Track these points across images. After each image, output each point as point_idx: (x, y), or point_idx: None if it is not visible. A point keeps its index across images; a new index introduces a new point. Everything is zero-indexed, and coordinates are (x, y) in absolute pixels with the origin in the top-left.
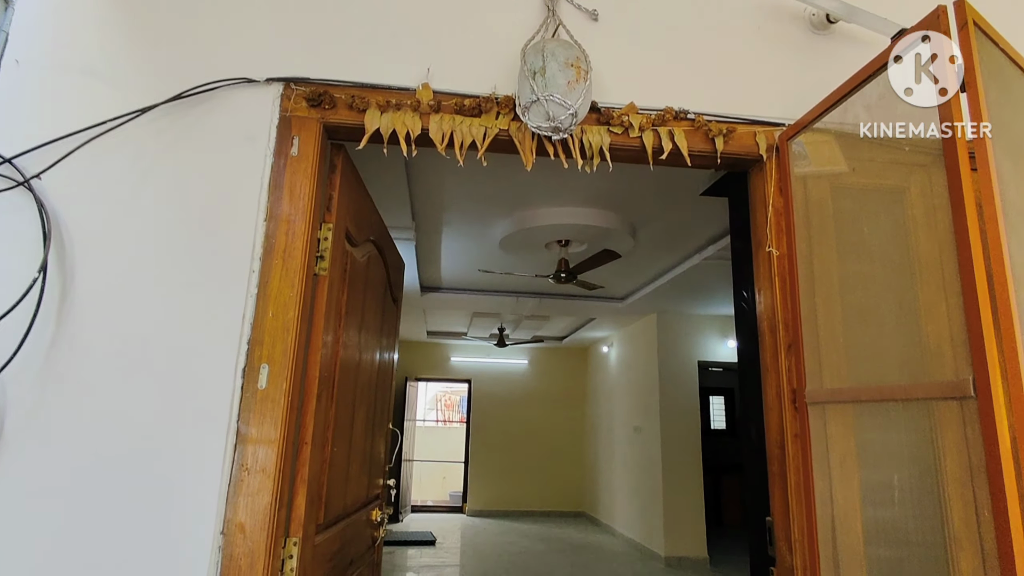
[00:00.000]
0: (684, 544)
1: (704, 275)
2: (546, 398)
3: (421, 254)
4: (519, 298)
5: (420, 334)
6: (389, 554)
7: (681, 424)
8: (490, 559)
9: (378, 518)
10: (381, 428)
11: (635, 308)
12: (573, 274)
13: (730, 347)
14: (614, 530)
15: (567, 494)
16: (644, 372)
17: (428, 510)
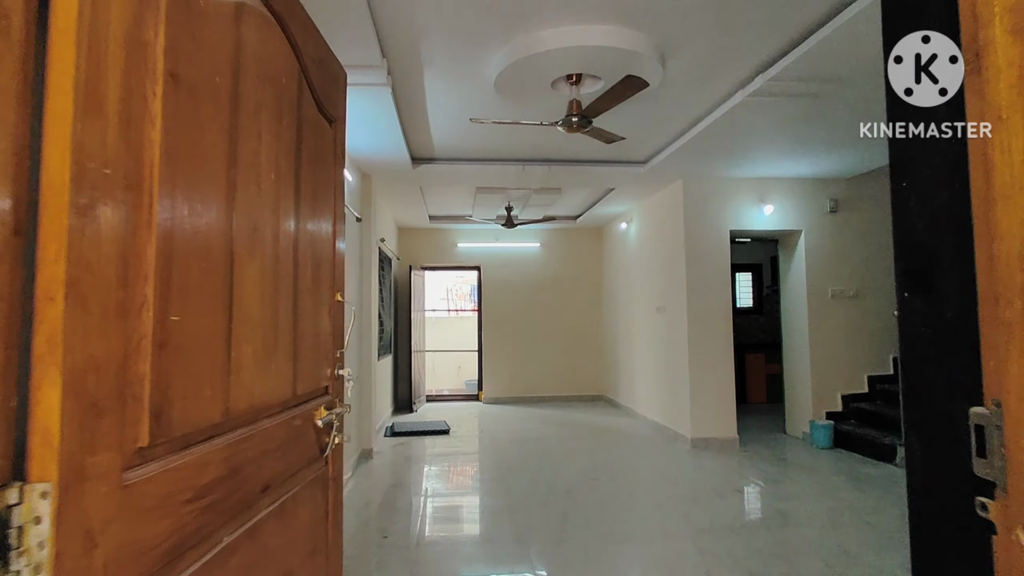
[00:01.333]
0: (712, 425)
1: (745, 121)
2: (560, 282)
3: (403, 109)
4: (525, 166)
5: (421, 219)
6: (401, 445)
7: (710, 302)
8: (507, 446)
9: (324, 419)
10: (320, 306)
11: (658, 174)
12: (588, 118)
13: (767, 214)
14: (635, 413)
15: (585, 378)
16: (668, 247)
17: (443, 399)
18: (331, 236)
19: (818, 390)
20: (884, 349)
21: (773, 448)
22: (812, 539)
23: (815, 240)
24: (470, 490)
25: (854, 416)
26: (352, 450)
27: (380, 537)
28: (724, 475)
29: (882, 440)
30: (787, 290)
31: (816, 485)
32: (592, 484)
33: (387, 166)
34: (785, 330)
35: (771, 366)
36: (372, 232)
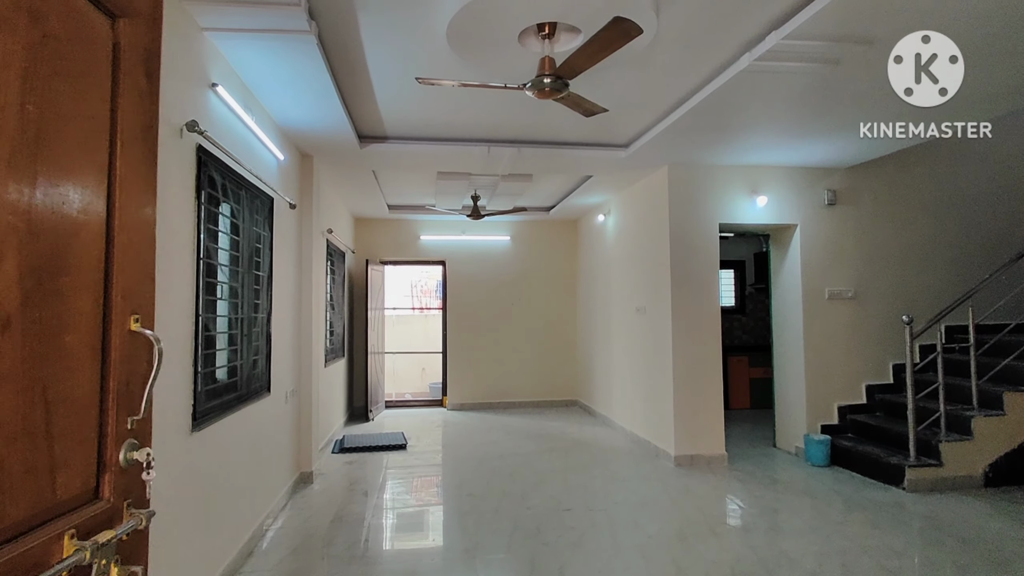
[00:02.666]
0: (698, 441)
1: (745, 96)
2: (532, 278)
3: (339, 70)
4: (491, 148)
5: (379, 208)
6: (350, 464)
7: (697, 302)
8: (470, 465)
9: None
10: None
11: (642, 159)
12: (563, 79)
13: (760, 206)
14: (612, 422)
15: (558, 383)
16: (650, 242)
17: (405, 405)
18: (103, 219)
19: (813, 400)
20: (884, 356)
21: (765, 466)
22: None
23: (811, 235)
24: (424, 528)
25: (852, 430)
26: (286, 475)
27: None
28: (714, 503)
29: (887, 460)
30: (779, 290)
31: (820, 517)
32: (565, 518)
33: (330, 144)
34: (776, 333)
35: (754, 370)
36: (314, 221)
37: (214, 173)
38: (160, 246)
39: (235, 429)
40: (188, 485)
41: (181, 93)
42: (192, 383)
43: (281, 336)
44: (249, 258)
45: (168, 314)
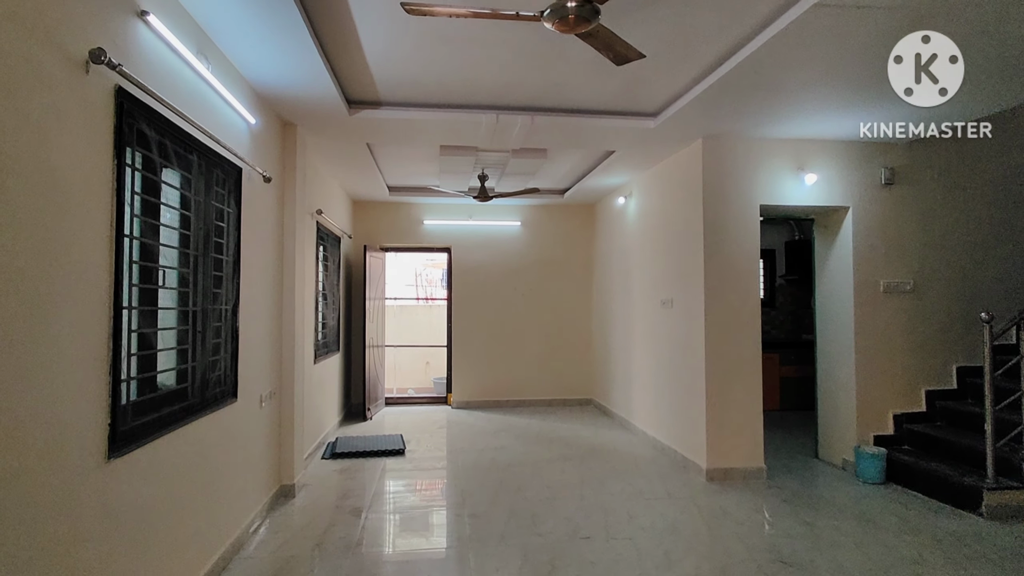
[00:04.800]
0: (733, 452)
1: (809, 43)
2: (545, 267)
3: (314, 13)
4: (500, 116)
5: (379, 190)
6: (340, 473)
7: (733, 294)
8: (474, 476)
9: None
10: None
11: (672, 130)
12: (592, 3)
13: (808, 184)
14: (632, 426)
15: (571, 380)
16: (680, 227)
17: (407, 402)
18: None
19: (864, 407)
20: (946, 358)
21: (810, 483)
22: None
23: (865, 219)
24: (418, 561)
25: (910, 441)
26: (262, 491)
27: None
28: (758, 531)
29: (959, 479)
30: (826, 281)
31: (889, 552)
32: (583, 549)
33: (314, 109)
34: (820, 330)
35: (785, 368)
36: (299, 200)
37: (146, 128)
38: (44, 216)
39: (183, 447)
40: (102, 529)
41: (88, 16)
42: (109, 395)
43: (255, 331)
44: (206, 239)
45: (59, 306)
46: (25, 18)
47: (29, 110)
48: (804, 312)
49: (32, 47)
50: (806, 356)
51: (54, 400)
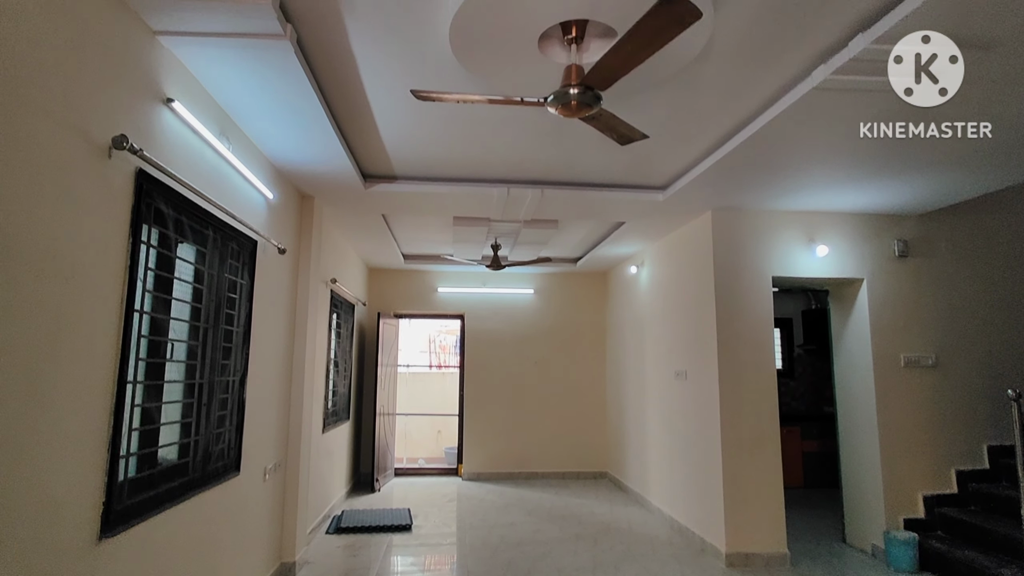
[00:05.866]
0: (754, 535)
1: (813, 122)
2: (557, 335)
3: (328, 91)
4: (511, 189)
5: (394, 258)
6: (343, 549)
7: (748, 365)
8: (481, 556)
9: None
10: None
11: (681, 203)
12: (594, 90)
13: (819, 256)
14: (647, 502)
15: (585, 453)
16: (692, 297)
17: (416, 472)
18: None
19: (891, 488)
20: (975, 436)
21: (837, 571)
22: None
23: (881, 291)
24: None
25: (942, 527)
26: (262, 569)
27: None
28: None
29: (997, 572)
30: (843, 354)
31: None
32: None
33: (331, 183)
34: (841, 405)
35: (807, 443)
36: (313, 270)
37: (163, 206)
38: (54, 292)
39: (180, 524)
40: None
41: (114, 105)
42: (106, 473)
43: (262, 402)
44: (217, 311)
45: (62, 381)
46: (52, 109)
47: (49, 193)
48: (824, 383)
49: (58, 137)
50: (828, 429)
51: (49, 477)
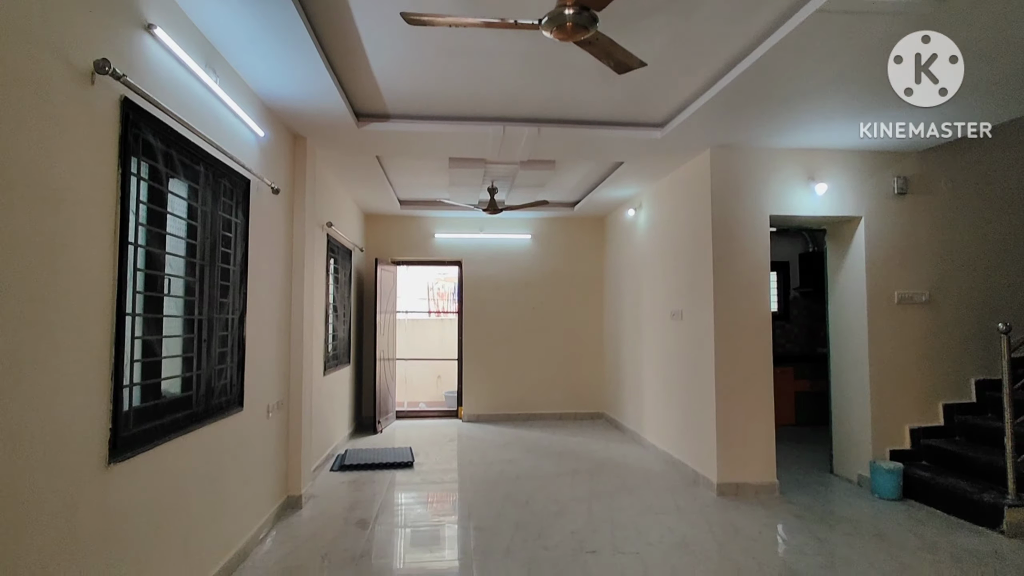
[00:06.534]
0: (745, 467)
1: (815, 49)
2: (555, 280)
3: (320, 26)
4: (507, 127)
5: (390, 204)
6: (348, 485)
7: (744, 306)
8: (481, 489)
9: None
10: None
11: (680, 140)
12: (590, 9)
13: (818, 194)
14: (642, 439)
15: (582, 394)
16: (689, 239)
17: (417, 415)
18: None
19: (879, 421)
20: (964, 371)
21: (824, 499)
22: None
23: (878, 229)
24: (421, 572)
25: (927, 457)
26: (268, 501)
27: None
28: (771, 548)
29: (978, 496)
30: (838, 293)
31: (903, 570)
32: (589, 564)
33: (322, 122)
34: (834, 343)
35: (800, 382)
36: (308, 212)
37: (152, 138)
38: (46, 221)
39: (187, 454)
40: (103, 535)
41: (93, 29)
42: (111, 401)
43: (262, 342)
44: (212, 249)
45: (60, 310)
46: (32, 31)
47: (33, 119)
48: (819, 325)
49: (38, 59)
50: (821, 370)
51: (54, 404)
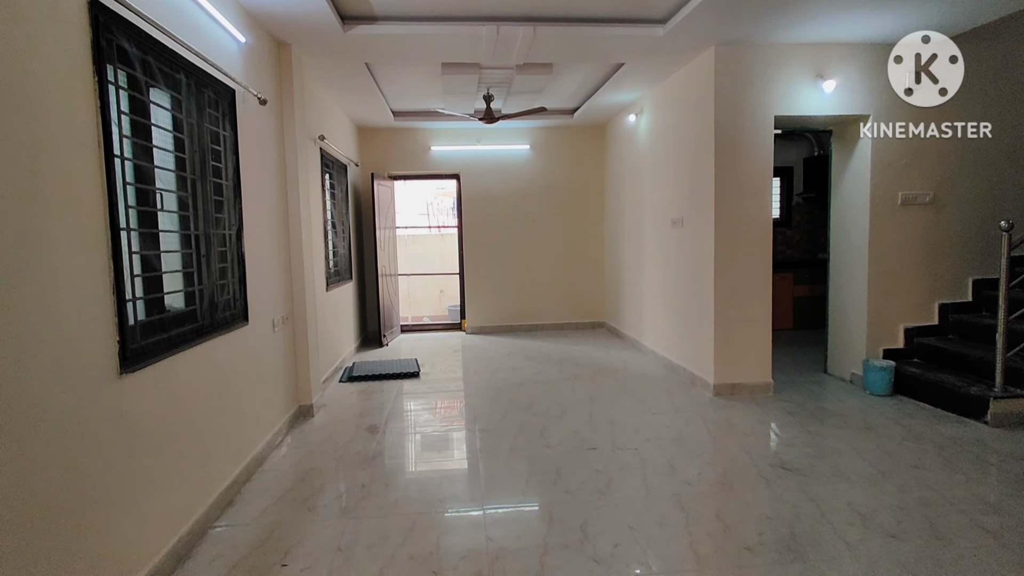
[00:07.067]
0: (741, 368)
1: None
2: (555, 191)
3: None
4: (501, 28)
5: (383, 115)
6: (357, 394)
7: (745, 211)
8: (485, 395)
9: None
10: None
11: (683, 37)
12: None
13: (827, 92)
14: (642, 346)
15: (583, 304)
16: (691, 143)
17: (422, 329)
18: None
19: (875, 321)
20: (963, 271)
21: (816, 396)
22: (917, 567)
23: (886, 128)
24: (429, 472)
25: (920, 354)
26: (281, 410)
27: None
28: (762, 441)
29: (966, 389)
30: (842, 195)
31: (890, 458)
32: (589, 459)
33: (307, 26)
34: (835, 245)
35: (799, 288)
36: (299, 124)
37: (127, 44)
38: (23, 126)
39: (197, 366)
40: (121, 438)
41: None
42: (115, 314)
43: (262, 258)
44: (202, 163)
45: (52, 224)
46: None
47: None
48: (820, 231)
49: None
50: (821, 275)
51: (56, 317)
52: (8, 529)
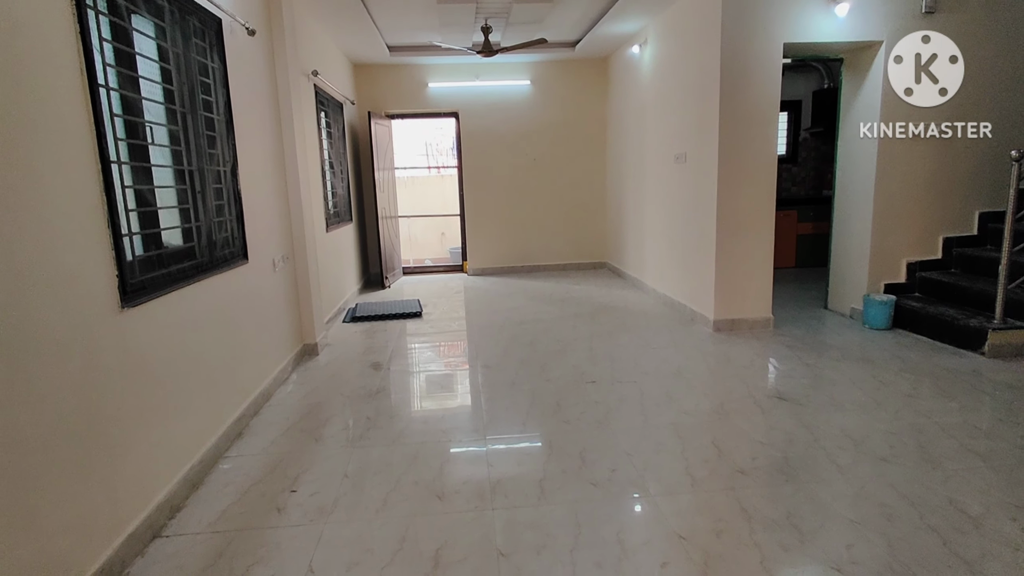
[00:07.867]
0: (741, 304)
1: None
2: (556, 128)
3: None
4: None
5: (378, 51)
6: (361, 334)
7: (750, 146)
8: (487, 333)
9: None
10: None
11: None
12: None
13: (839, 16)
14: (643, 284)
15: (585, 244)
16: (696, 75)
17: (423, 271)
18: None
19: (878, 256)
20: (969, 204)
21: (815, 330)
22: (905, 488)
23: (900, 55)
24: (432, 406)
25: (921, 288)
26: (285, 348)
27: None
28: (759, 372)
29: (965, 321)
30: (850, 127)
31: (884, 388)
32: (588, 391)
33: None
34: (840, 180)
35: (803, 225)
36: (290, 58)
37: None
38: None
39: (198, 302)
40: (125, 369)
41: None
42: (112, 249)
43: (259, 196)
44: (191, 95)
45: (41, 156)
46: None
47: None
48: (827, 167)
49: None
50: (825, 213)
51: (52, 248)
52: (14, 447)
